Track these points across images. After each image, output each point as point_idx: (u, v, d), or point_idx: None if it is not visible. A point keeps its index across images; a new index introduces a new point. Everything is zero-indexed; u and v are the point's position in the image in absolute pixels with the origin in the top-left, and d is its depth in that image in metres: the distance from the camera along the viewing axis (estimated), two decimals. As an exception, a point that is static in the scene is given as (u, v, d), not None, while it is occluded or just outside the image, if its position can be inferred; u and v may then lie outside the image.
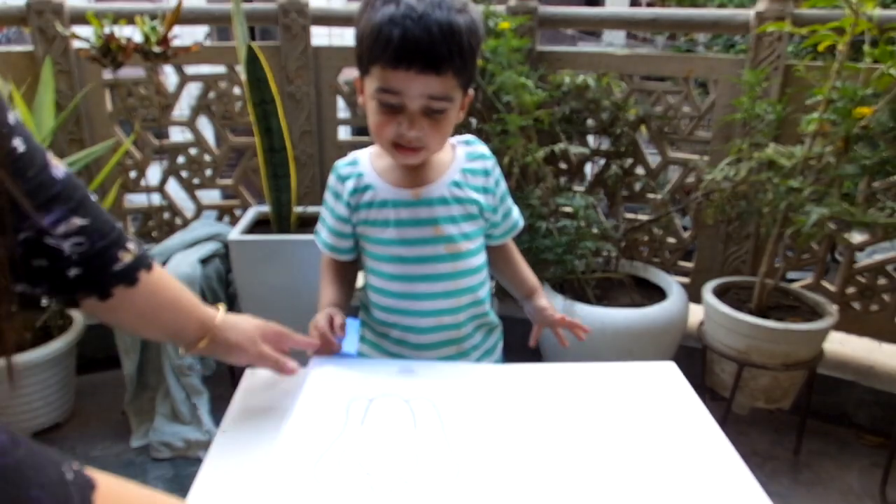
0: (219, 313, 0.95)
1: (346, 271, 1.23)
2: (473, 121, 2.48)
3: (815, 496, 1.94)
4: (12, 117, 0.68)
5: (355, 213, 1.14)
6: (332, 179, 1.17)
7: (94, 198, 0.78)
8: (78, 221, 0.74)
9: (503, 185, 1.17)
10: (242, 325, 0.97)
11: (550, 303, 1.25)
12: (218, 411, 2.08)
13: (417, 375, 1.02)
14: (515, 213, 1.22)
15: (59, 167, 0.74)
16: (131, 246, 0.81)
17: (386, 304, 1.15)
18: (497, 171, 1.16)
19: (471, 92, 1.06)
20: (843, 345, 2.36)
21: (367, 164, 1.14)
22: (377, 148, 1.12)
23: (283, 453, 0.81)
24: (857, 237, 2.25)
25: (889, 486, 1.94)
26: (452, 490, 0.76)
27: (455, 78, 0.97)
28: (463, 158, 1.13)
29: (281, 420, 0.93)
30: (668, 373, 1.07)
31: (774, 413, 2.22)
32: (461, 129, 2.51)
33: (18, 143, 0.69)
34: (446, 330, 1.15)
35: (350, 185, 1.13)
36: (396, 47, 0.92)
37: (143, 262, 0.83)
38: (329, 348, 1.09)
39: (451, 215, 1.10)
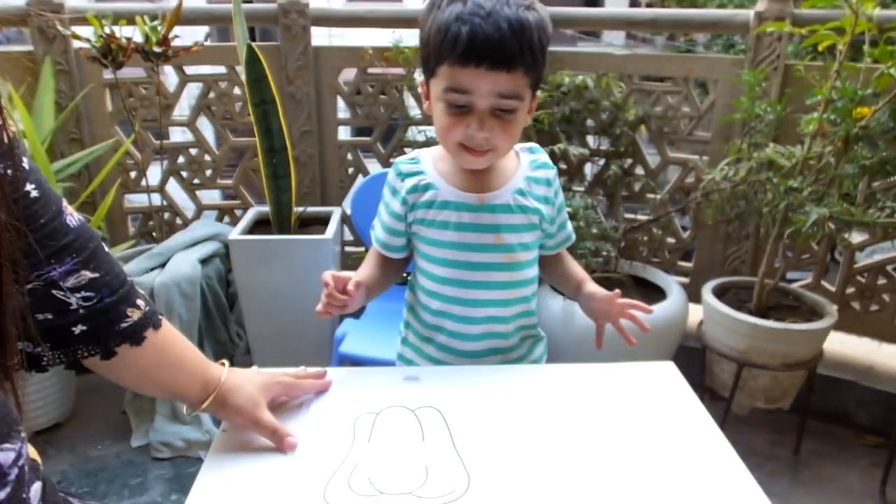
0: (224, 372, 0.88)
1: (389, 265, 1.20)
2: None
3: (814, 496, 1.94)
4: (27, 161, 0.67)
5: (412, 211, 1.11)
6: (391, 175, 1.14)
7: (106, 248, 0.75)
8: (88, 274, 0.71)
9: (561, 197, 1.15)
10: (247, 387, 0.89)
11: (600, 287, 1.16)
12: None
13: (422, 384, 1.01)
14: (570, 226, 1.19)
15: (73, 215, 0.71)
16: (140, 302, 0.78)
17: (436, 308, 1.13)
18: (557, 183, 1.14)
19: (539, 93, 1.04)
20: (843, 345, 2.36)
21: (428, 163, 1.12)
22: (440, 150, 1.11)
23: (291, 477, 0.80)
24: (856, 237, 2.25)
25: (889, 487, 1.94)
26: (465, 503, 0.76)
27: (525, 76, 0.96)
28: (527, 166, 1.11)
29: (281, 420, 0.93)
30: (668, 373, 1.07)
31: (774, 413, 2.22)
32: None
33: (32, 188, 0.67)
34: (495, 338, 1.14)
35: (409, 182, 1.11)
36: (465, 44, 0.91)
37: (150, 320, 0.79)
38: (330, 305, 1.03)
39: (512, 224, 1.08)
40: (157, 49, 2.07)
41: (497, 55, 0.92)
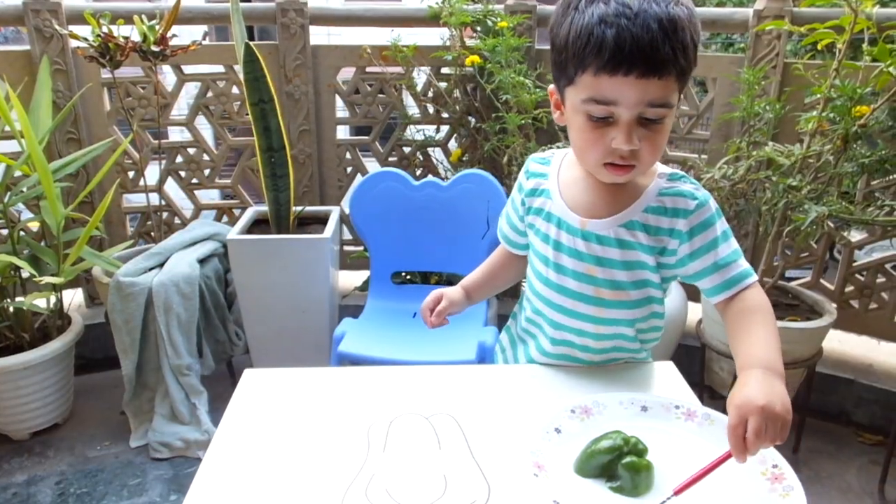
0: None
1: (509, 261, 1.20)
2: (472, 119, 2.48)
3: (813, 494, 1.94)
4: None
5: (528, 214, 1.09)
6: (522, 170, 1.12)
7: None
8: None
9: (710, 235, 0.95)
10: None
11: (760, 388, 0.80)
12: (217, 411, 2.08)
13: (433, 389, 1.01)
14: (737, 269, 0.95)
15: None
16: None
17: (528, 315, 1.13)
18: (702, 218, 0.95)
19: (682, 95, 0.92)
20: (842, 343, 2.36)
21: (555, 167, 1.06)
22: (573, 154, 1.01)
23: (307, 490, 0.79)
24: (855, 236, 2.25)
25: (888, 484, 1.94)
26: None
27: (677, 81, 0.86)
28: (654, 194, 0.97)
29: (280, 420, 0.93)
30: (667, 373, 1.07)
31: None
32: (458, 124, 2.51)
33: None
34: (578, 362, 1.09)
35: (531, 183, 1.08)
36: (612, 50, 0.81)
37: None
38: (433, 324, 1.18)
39: (607, 258, 0.99)
40: (154, 48, 2.06)
41: (648, 61, 0.82)
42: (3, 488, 1.92)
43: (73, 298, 2.56)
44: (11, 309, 2.09)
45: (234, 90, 2.51)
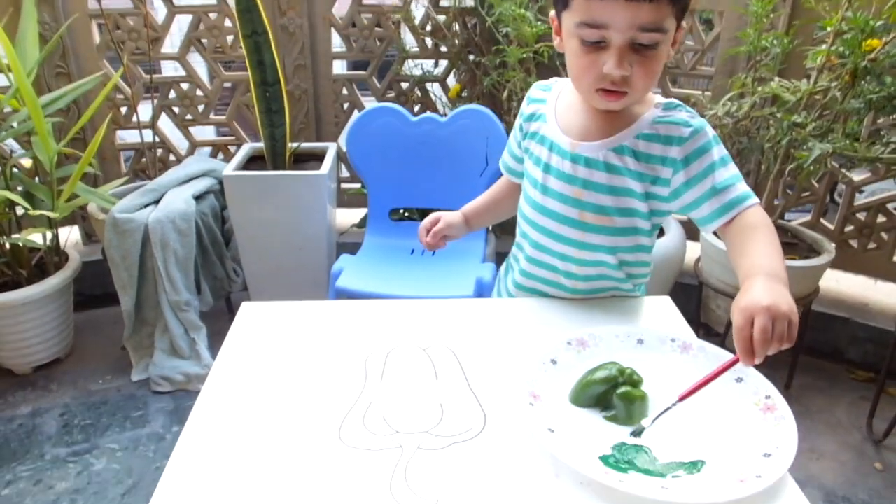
0: None
1: (510, 189, 1.20)
2: (472, 54, 2.42)
3: (802, 428, 1.95)
4: None
5: (525, 139, 1.10)
6: (526, 96, 1.12)
7: None
8: None
9: (707, 160, 0.93)
10: None
11: (764, 290, 0.78)
12: (216, 346, 2.09)
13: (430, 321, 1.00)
14: (734, 192, 0.93)
15: None
16: None
17: (517, 240, 1.14)
18: (697, 144, 0.93)
19: (684, 24, 0.92)
20: (839, 282, 2.37)
21: (555, 94, 1.07)
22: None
23: (306, 417, 0.80)
24: (857, 177, 2.23)
25: (876, 419, 1.98)
26: (482, 442, 0.76)
27: (671, 5, 0.85)
28: (649, 121, 0.96)
29: (277, 352, 0.94)
30: (664, 307, 1.07)
31: (767, 349, 2.25)
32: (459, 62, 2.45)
33: None
34: (564, 290, 1.09)
35: (531, 109, 1.09)
36: None
37: None
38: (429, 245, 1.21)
39: (593, 181, 0.98)
40: (142, -24, 1.99)
41: None
42: (9, 420, 1.95)
43: (70, 236, 2.55)
44: (8, 245, 2.08)
45: (227, 23, 2.43)
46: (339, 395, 0.84)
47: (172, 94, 2.53)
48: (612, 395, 0.80)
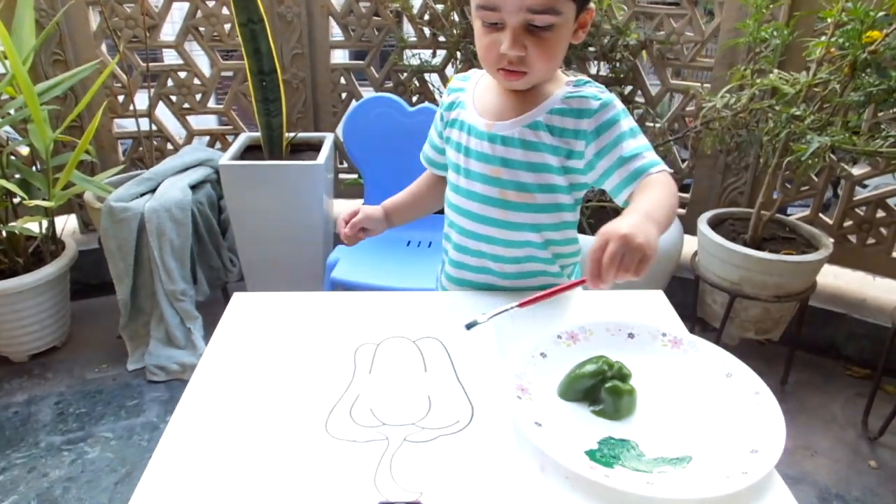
0: None
1: (433, 182, 1.20)
2: (470, 46, 2.40)
3: (798, 424, 1.98)
4: None
5: (445, 128, 1.10)
6: (447, 88, 1.14)
7: None
8: None
9: (616, 131, 0.95)
10: None
11: (628, 221, 0.79)
12: (212, 336, 2.10)
13: (420, 312, 0.99)
14: (642, 161, 0.94)
15: None
16: None
17: (445, 230, 1.14)
18: (611, 116, 0.95)
19: (592, 6, 0.94)
20: (837, 278, 2.36)
21: (473, 82, 1.09)
22: None
23: (292, 408, 0.79)
24: (857, 172, 2.21)
25: (871, 416, 1.98)
26: (469, 434, 0.75)
27: None
28: (559, 98, 0.98)
29: (268, 342, 0.93)
30: (656, 301, 1.07)
31: (764, 344, 2.24)
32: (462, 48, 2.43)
33: None
34: (494, 276, 1.09)
35: (450, 98, 1.10)
36: None
37: None
38: (347, 237, 1.17)
39: (511, 158, 1.00)
40: (138, -37, 1.98)
41: None
42: (4, 407, 1.96)
43: (67, 224, 2.54)
44: (4, 233, 2.08)
45: (224, 11, 2.42)
46: (327, 386, 0.84)
47: (170, 83, 2.51)
48: (601, 389, 0.79)
